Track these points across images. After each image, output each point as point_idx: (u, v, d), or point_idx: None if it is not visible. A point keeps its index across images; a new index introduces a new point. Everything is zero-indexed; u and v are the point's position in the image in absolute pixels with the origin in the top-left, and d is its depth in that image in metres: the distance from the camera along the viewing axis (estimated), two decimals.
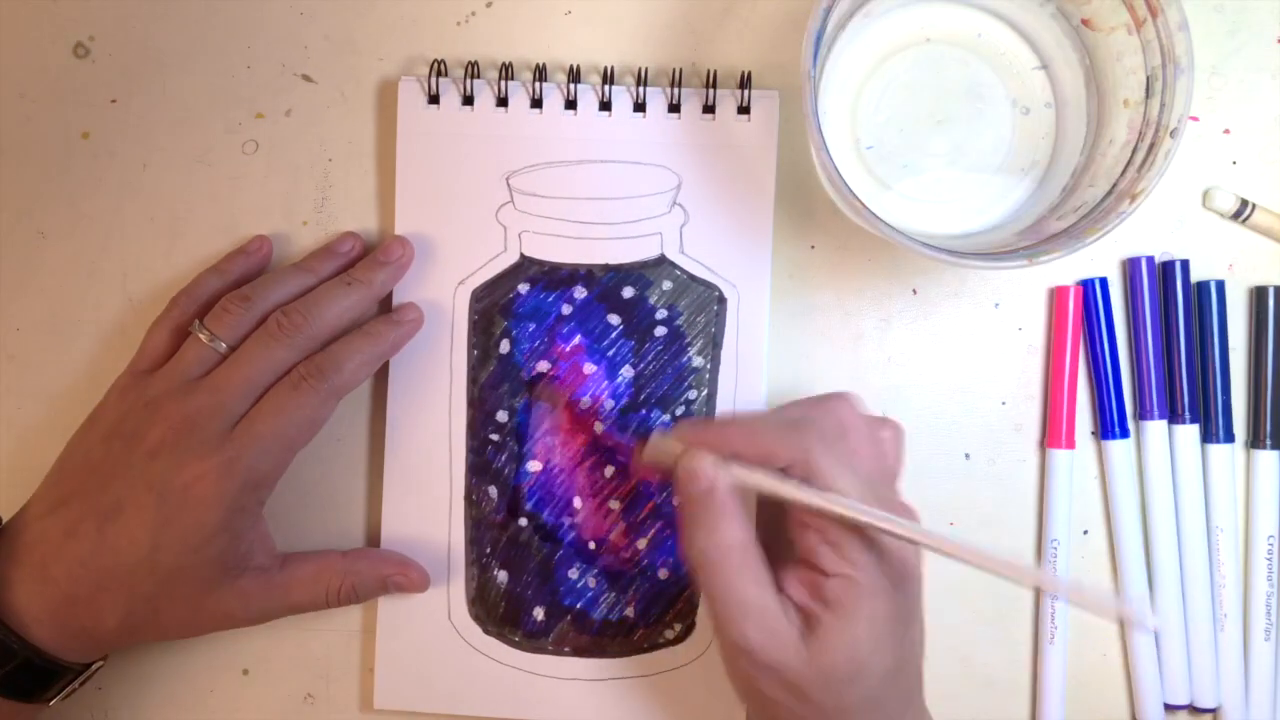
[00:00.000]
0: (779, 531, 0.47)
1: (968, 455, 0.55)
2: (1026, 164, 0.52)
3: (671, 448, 0.46)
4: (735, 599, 0.43)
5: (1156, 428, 0.54)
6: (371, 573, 0.52)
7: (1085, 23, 0.50)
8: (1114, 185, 0.48)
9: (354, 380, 0.50)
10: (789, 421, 0.45)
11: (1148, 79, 0.48)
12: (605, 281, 0.53)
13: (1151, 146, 0.47)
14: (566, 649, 0.53)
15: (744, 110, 0.53)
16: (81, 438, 0.50)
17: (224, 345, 0.50)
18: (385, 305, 0.54)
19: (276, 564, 0.51)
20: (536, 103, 0.53)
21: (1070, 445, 0.54)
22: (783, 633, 0.43)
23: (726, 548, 0.44)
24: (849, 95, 0.53)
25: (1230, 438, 0.54)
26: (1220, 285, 0.54)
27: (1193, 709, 0.54)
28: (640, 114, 0.53)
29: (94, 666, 0.50)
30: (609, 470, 0.53)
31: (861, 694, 0.43)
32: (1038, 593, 0.55)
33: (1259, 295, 0.54)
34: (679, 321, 0.53)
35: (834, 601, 0.43)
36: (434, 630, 0.53)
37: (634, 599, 0.53)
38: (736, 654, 0.44)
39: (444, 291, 0.53)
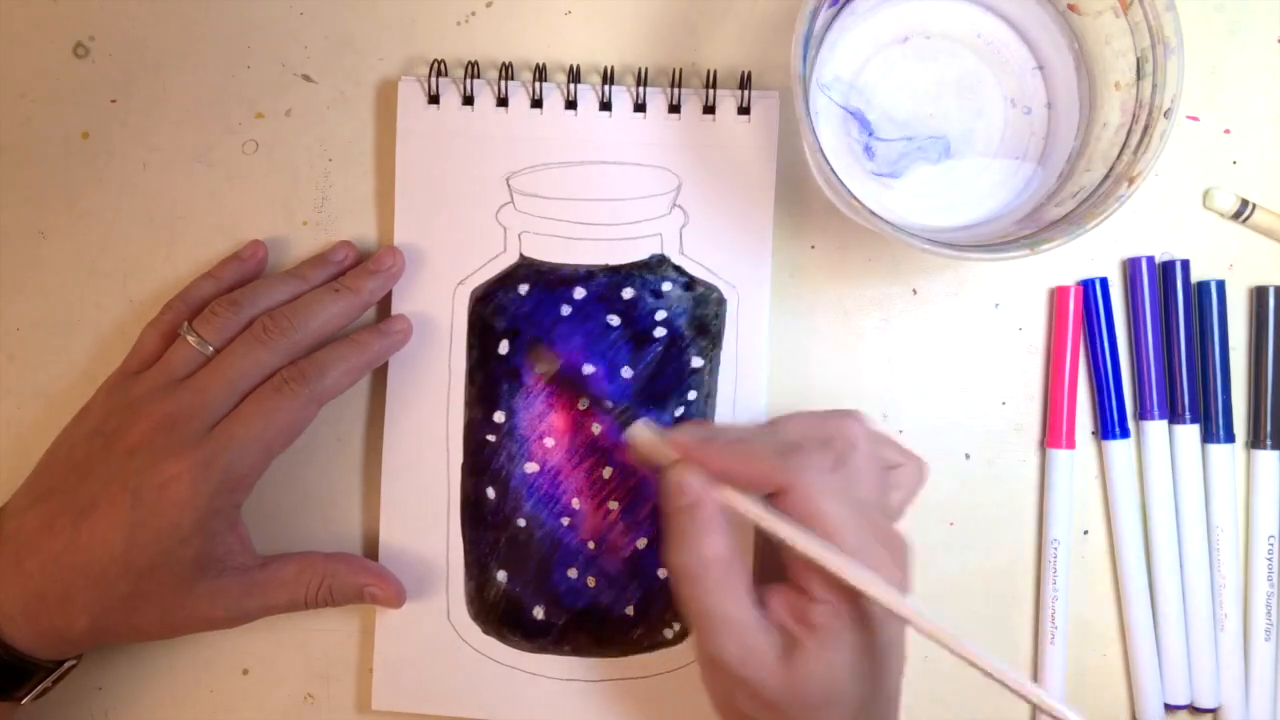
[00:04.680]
0: (773, 548, 0.46)
1: (968, 455, 0.55)
2: (1021, 152, 0.52)
3: (662, 452, 0.46)
4: (714, 613, 0.43)
5: (1157, 428, 0.54)
6: (350, 578, 0.52)
7: (1071, 7, 0.50)
8: (1111, 169, 0.48)
9: (337, 388, 0.50)
10: (785, 444, 0.45)
11: (1138, 61, 0.48)
12: (605, 282, 0.53)
13: (1146, 128, 0.47)
14: (566, 648, 0.53)
15: (744, 111, 0.53)
16: (66, 435, 0.50)
17: (211, 348, 0.50)
18: (384, 312, 0.54)
19: (256, 564, 0.50)
20: (537, 103, 0.53)
21: (1070, 445, 0.54)
22: (761, 650, 0.43)
23: (707, 562, 0.44)
24: (841, 94, 0.52)
25: (1230, 438, 0.54)
26: (1220, 285, 0.54)
27: (1193, 709, 0.54)
28: (640, 114, 0.53)
29: (66, 665, 0.50)
30: (607, 471, 0.53)
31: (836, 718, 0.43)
32: (1037, 600, 0.55)
33: (1259, 295, 0.54)
34: (679, 322, 0.53)
35: (817, 627, 0.43)
36: (433, 630, 0.53)
37: (633, 598, 0.53)
38: (714, 667, 0.44)
39: (443, 292, 0.53)
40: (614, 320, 0.53)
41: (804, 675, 0.42)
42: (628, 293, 0.53)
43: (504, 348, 0.53)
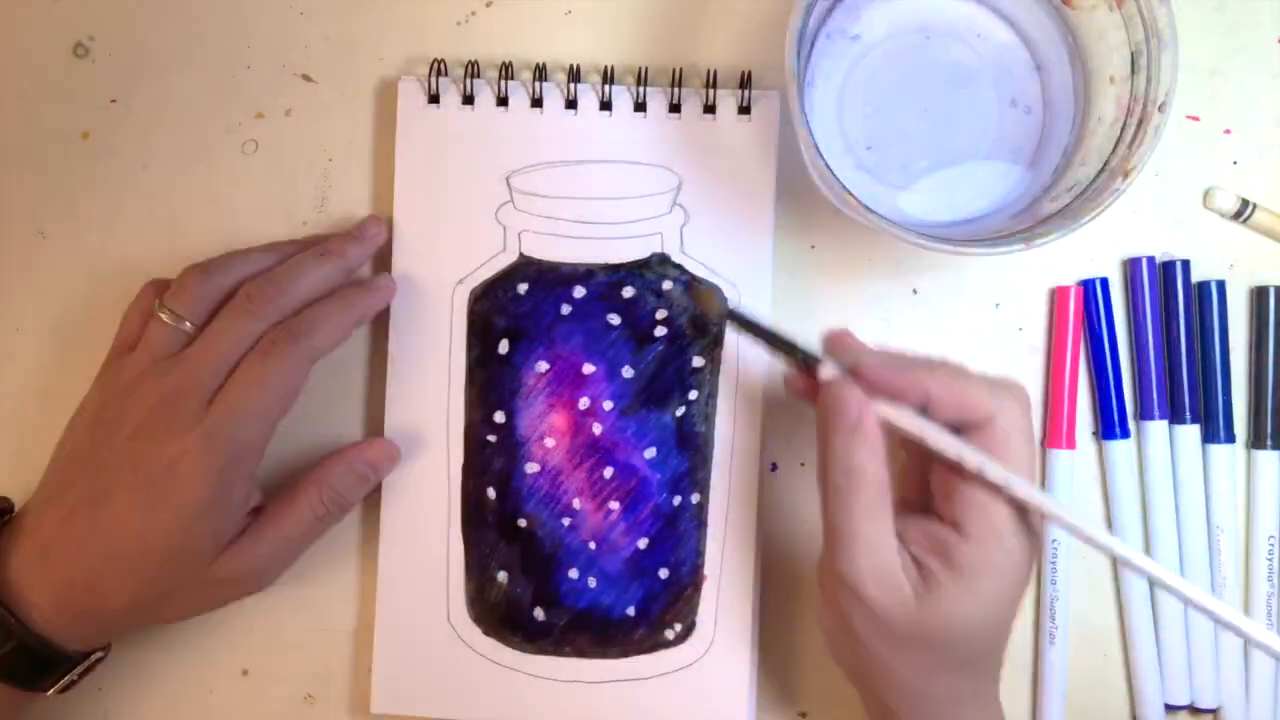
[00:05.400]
0: (916, 477, 0.47)
1: None
2: (1017, 148, 0.52)
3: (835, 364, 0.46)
4: (856, 529, 0.43)
5: (1157, 428, 0.54)
6: (340, 469, 0.51)
7: (1066, 2, 0.50)
8: (1105, 163, 0.48)
9: (326, 344, 0.49)
10: (992, 379, 0.45)
11: (1132, 55, 0.48)
12: (605, 281, 0.53)
13: (1140, 122, 0.47)
14: (567, 650, 0.53)
15: (744, 110, 0.53)
16: (70, 430, 0.50)
17: (188, 325, 0.49)
18: (383, 311, 0.54)
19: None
20: (537, 102, 0.53)
21: (1071, 445, 0.54)
22: (896, 579, 0.43)
23: (860, 476, 0.43)
24: (835, 90, 0.52)
25: (1231, 438, 0.54)
26: (1221, 285, 0.54)
27: (1193, 709, 0.54)
28: (641, 114, 0.53)
29: (94, 657, 0.50)
30: (608, 471, 0.53)
31: (959, 658, 0.43)
32: (1037, 600, 0.54)
33: (1259, 295, 0.54)
34: (679, 321, 0.53)
35: (962, 567, 0.42)
36: (433, 632, 0.53)
37: (634, 599, 0.53)
38: (839, 585, 0.44)
39: (443, 291, 0.53)
40: (614, 319, 0.53)
41: (937, 614, 0.42)
42: (628, 291, 0.53)
43: (504, 347, 0.53)
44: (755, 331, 0.47)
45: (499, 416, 0.53)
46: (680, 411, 0.53)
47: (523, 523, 0.53)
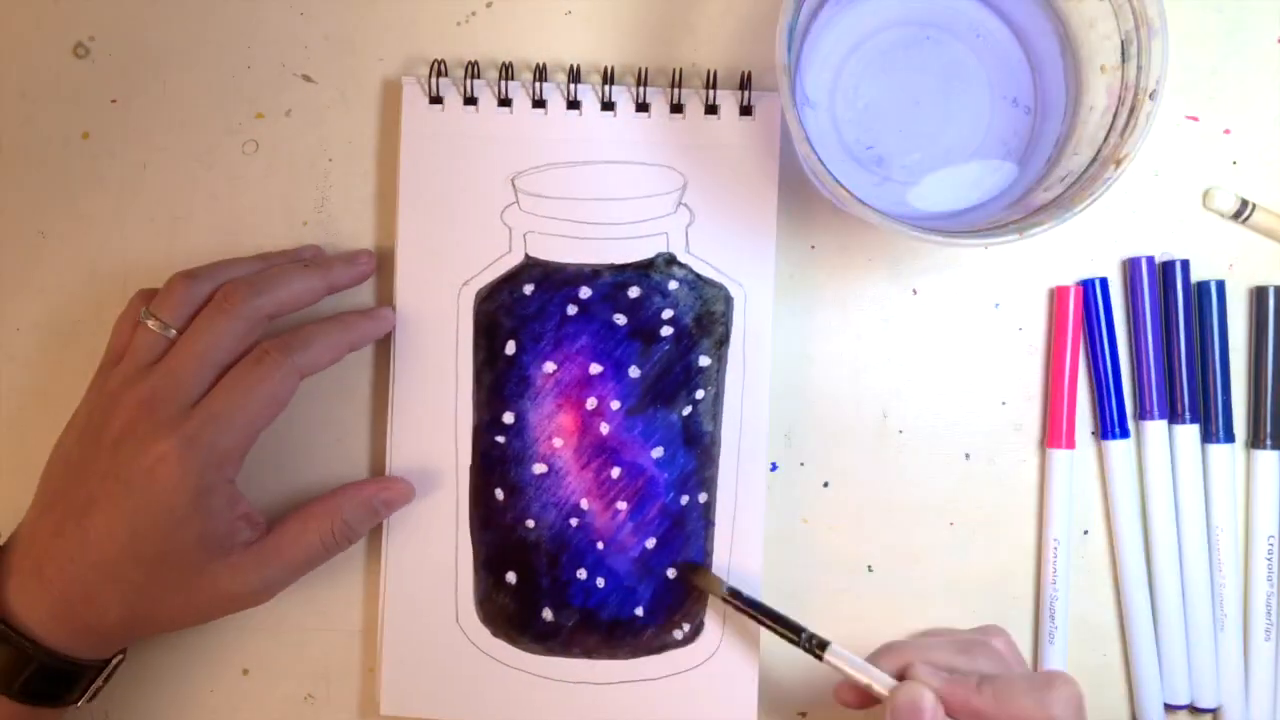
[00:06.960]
0: None
1: (968, 455, 0.55)
2: (1009, 137, 0.52)
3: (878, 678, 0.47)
4: None
5: (1156, 428, 0.54)
6: (355, 502, 0.51)
7: None
8: (1098, 152, 0.48)
9: (319, 362, 0.50)
10: (1039, 678, 0.46)
11: (1122, 43, 0.48)
12: (611, 281, 0.53)
13: (1132, 110, 0.47)
14: (575, 650, 0.53)
15: (746, 111, 0.53)
16: (60, 441, 0.50)
17: (173, 331, 0.49)
18: None
19: (263, 533, 0.50)
20: (539, 103, 0.53)
21: (1070, 445, 0.54)
22: None
23: None
24: (828, 85, 0.52)
25: (1230, 438, 0.54)
26: (1220, 285, 0.54)
27: (1193, 709, 0.54)
28: (644, 114, 0.53)
29: (114, 661, 0.50)
30: (615, 471, 0.53)
31: None
32: (1037, 600, 0.55)
33: (1259, 295, 0.54)
34: (685, 321, 0.53)
35: None
36: (442, 633, 0.53)
37: (642, 599, 0.53)
38: None
39: (448, 293, 0.53)
40: (620, 319, 0.53)
41: None
42: (634, 292, 0.53)
43: (510, 348, 0.53)
44: (758, 612, 0.51)
45: (507, 417, 0.53)
46: (687, 411, 0.53)
47: (530, 523, 0.53)
